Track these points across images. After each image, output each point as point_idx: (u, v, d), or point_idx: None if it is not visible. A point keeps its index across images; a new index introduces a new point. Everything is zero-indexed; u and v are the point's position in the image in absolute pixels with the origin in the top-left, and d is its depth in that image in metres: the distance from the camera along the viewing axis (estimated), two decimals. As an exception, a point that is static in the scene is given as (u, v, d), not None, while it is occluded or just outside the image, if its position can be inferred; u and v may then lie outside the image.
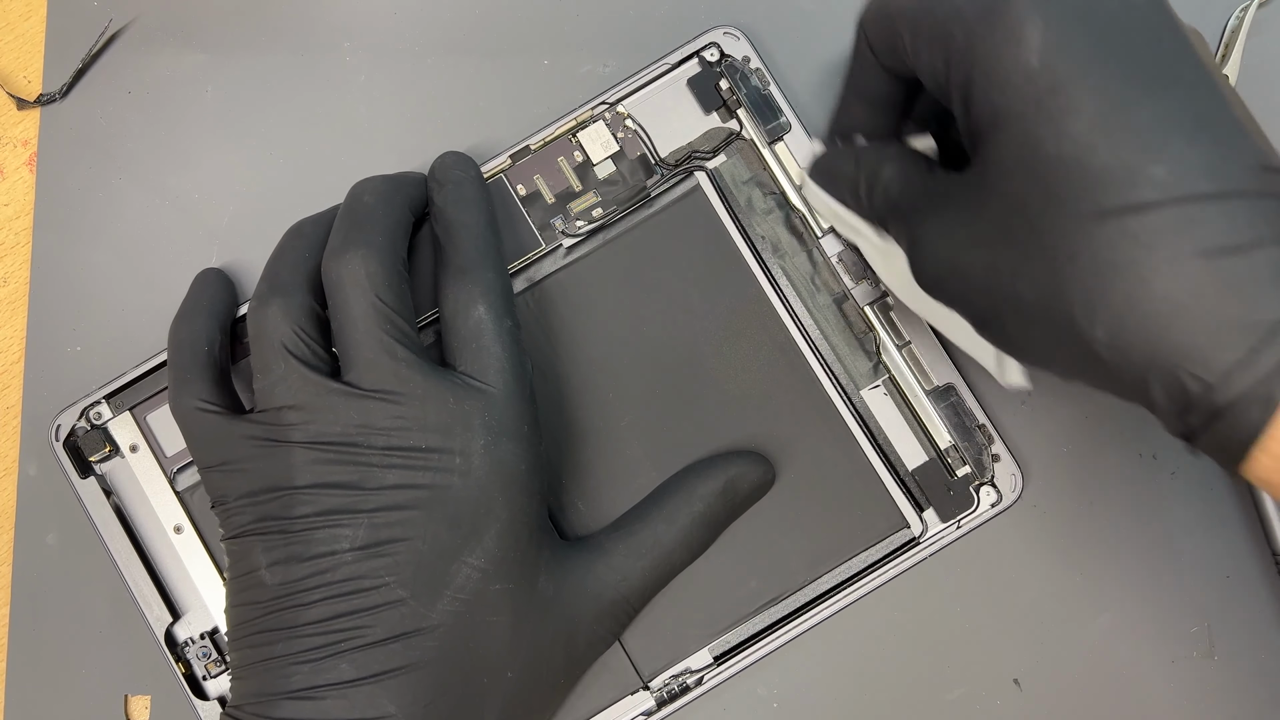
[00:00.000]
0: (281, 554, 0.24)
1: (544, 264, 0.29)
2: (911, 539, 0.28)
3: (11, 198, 0.31)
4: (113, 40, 0.32)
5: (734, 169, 0.29)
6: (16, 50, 0.32)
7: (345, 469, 0.24)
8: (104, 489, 0.29)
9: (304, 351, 0.25)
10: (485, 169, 0.29)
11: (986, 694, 0.28)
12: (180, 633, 0.28)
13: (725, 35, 0.29)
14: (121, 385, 0.29)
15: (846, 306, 0.29)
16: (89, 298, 0.31)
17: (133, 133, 0.31)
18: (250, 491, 0.24)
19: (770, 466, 0.28)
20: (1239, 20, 0.30)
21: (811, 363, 0.29)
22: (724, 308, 0.29)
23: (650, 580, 0.26)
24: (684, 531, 0.27)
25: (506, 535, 0.24)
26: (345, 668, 0.23)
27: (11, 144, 0.32)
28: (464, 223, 0.27)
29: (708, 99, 0.30)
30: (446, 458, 0.24)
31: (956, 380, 0.29)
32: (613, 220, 0.29)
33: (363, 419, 0.24)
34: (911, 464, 0.29)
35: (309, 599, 0.24)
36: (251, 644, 0.24)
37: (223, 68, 0.31)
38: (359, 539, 0.24)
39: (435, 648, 0.24)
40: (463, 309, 0.25)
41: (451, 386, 0.24)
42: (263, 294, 0.25)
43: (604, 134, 0.29)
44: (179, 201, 0.31)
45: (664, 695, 0.28)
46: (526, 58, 0.31)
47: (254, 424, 0.25)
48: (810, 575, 0.28)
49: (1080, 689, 0.28)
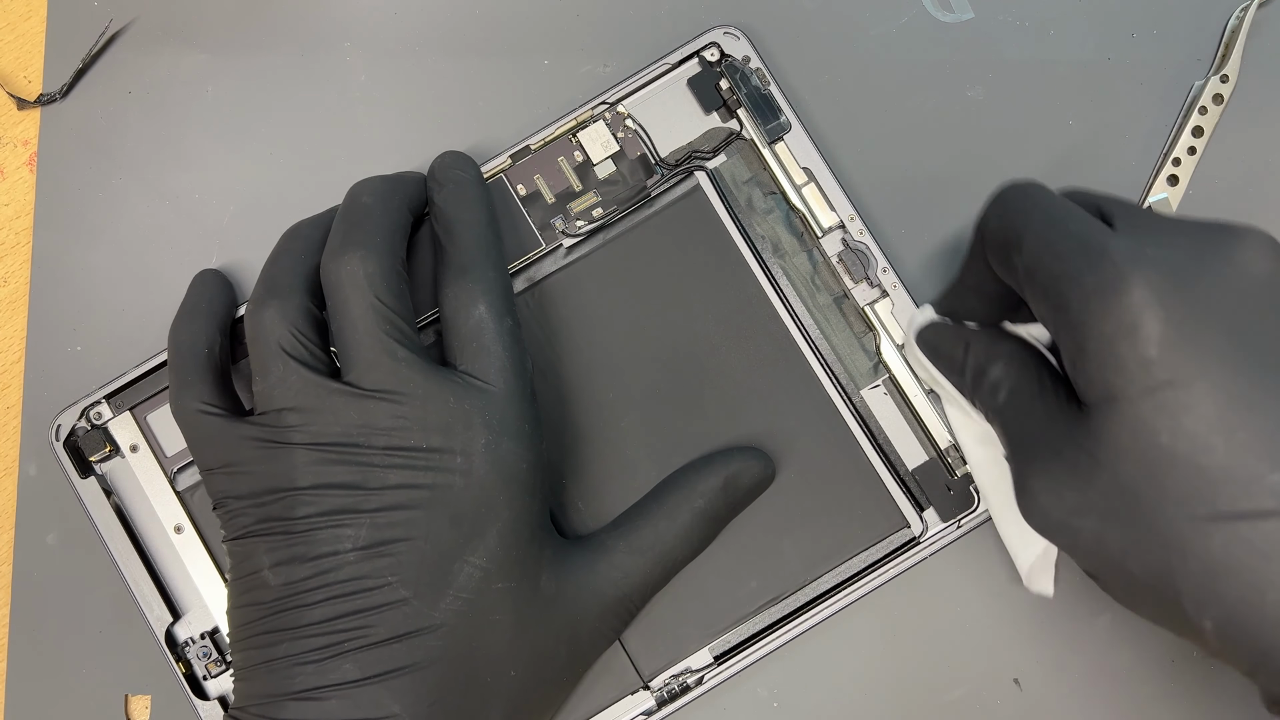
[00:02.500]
0: (284, 555, 0.24)
1: (544, 264, 0.29)
2: (911, 539, 0.28)
3: (11, 198, 0.31)
4: (113, 40, 0.32)
5: (734, 169, 0.29)
6: (16, 50, 0.32)
7: (347, 469, 0.24)
8: (104, 489, 0.29)
9: (302, 353, 0.25)
10: (485, 169, 0.29)
11: (986, 694, 0.28)
12: (180, 633, 0.28)
13: (725, 35, 0.29)
14: (121, 385, 0.29)
15: (846, 306, 0.29)
16: (89, 298, 0.31)
17: (133, 133, 0.31)
18: (252, 493, 0.24)
19: (770, 462, 0.28)
20: (1239, 20, 0.30)
21: (811, 362, 0.29)
22: (724, 308, 0.29)
23: (652, 577, 0.26)
24: (685, 528, 0.27)
25: (508, 534, 0.24)
26: (349, 668, 0.23)
27: (11, 144, 0.32)
28: (464, 222, 0.27)
29: (708, 99, 0.30)
30: (448, 457, 0.24)
31: (956, 380, 0.29)
32: (613, 220, 0.29)
33: (364, 419, 0.24)
34: (911, 464, 0.29)
35: (312, 599, 0.24)
36: (255, 645, 0.24)
37: (223, 68, 0.31)
38: (361, 539, 0.24)
39: (438, 647, 0.24)
40: (463, 308, 0.25)
41: (452, 386, 0.24)
42: (260, 296, 0.25)
43: (604, 134, 0.29)
44: (179, 201, 0.31)
45: (664, 695, 0.28)
46: (526, 58, 0.31)
47: (255, 426, 0.25)
48: (810, 575, 0.28)
49: (1080, 689, 0.28)
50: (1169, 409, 0.20)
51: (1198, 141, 0.30)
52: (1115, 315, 0.20)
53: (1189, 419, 0.20)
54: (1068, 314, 0.21)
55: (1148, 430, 0.20)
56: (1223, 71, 0.30)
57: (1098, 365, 0.20)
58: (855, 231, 0.29)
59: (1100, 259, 0.21)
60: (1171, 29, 0.31)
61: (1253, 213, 0.30)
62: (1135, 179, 0.30)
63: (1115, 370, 0.20)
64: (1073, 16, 0.31)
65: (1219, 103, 0.30)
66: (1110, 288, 0.20)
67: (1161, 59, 0.31)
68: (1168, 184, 0.30)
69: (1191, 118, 0.30)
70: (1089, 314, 0.20)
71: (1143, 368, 0.20)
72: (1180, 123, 0.30)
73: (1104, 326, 0.20)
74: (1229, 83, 0.30)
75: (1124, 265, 0.20)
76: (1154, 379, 0.20)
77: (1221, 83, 0.30)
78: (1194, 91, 0.30)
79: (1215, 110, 0.30)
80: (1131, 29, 0.31)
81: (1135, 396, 0.20)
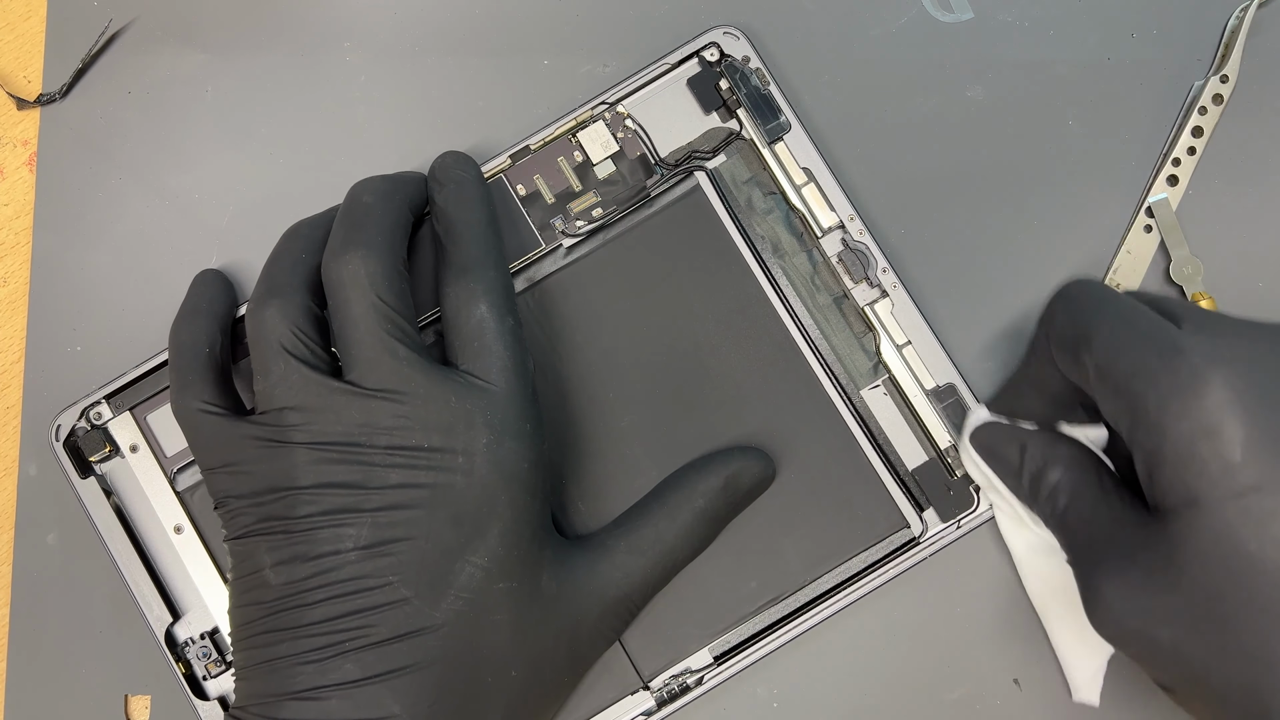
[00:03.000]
0: (285, 554, 0.24)
1: (544, 264, 0.29)
2: (911, 539, 0.28)
3: (11, 198, 0.31)
4: (113, 40, 0.32)
5: (734, 169, 0.29)
6: (16, 50, 0.32)
7: (348, 469, 0.24)
8: (104, 489, 0.29)
9: (303, 352, 0.25)
10: (485, 169, 0.29)
11: (986, 694, 0.28)
12: (180, 633, 0.28)
13: (725, 35, 0.29)
14: (121, 385, 0.29)
15: (846, 306, 0.29)
16: (89, 298, 0.31)
17: (133, 133, 0.31)
18: (253, 492, 0.24)
19: (770, 461, 0.28)
20: (1239, 20, 0.30)
21: (811, 363, 0.29)
22: (724, 308, 0.29)
23: (653, 577, 0.26)
24: (686, 527, 0.27)
25: (509, 534, 0.24)
26: (350, 668, 0.23)
27: (11, 144, 0.32)
28: (465, 222, 0.27)
29: (708, 99, 0.30)
30: (449, 457, 0.24)
31: (956, 380, 0.29)
32: (613, 220, 0.29)
33: (365, 418, 0.24)
34: (911, 464, 0.29)
35: (313, 599, 0.24)
36: (255, 644, 0.24)
37: (223, 68, 0.31)
38: (362, 538, 0.24)
39: (439, 647, 0.24)
40: (464, 307, 0.25)
41: (454, 385, 0.24)
42: (260, 295, 0.25)
43: (604, 134, 0.29)
44: (179, 201, 0.31)
45: (664, 695, 0.28)
46: (526, 58, 0.31)
47: (256, 425, 0.25)
48: (810, 575, 0.28)
49: (1080, 688, 0.28)
50: (1255, 515, 0.19)
51: (1198, 141, 0.30)
52: (1195, 416, 0.20)
53: (1277, 526, 0.19)
54: (1144, 415, 0.20)
55: (1233, 537, 0.19)
56: (1223, 71, 0.30)
57: (1177, 468, 0.20)
58: (855, 231, 0.29)
59: (1176, 358, 0.20)
60: (1171, 29, 0.31)
61: (1252, 213, 0.30)
62: (1135, 179, 0.30)
63: (1197, 474, 0.20)
64: (1073, 16, 0.31)
65: (1219, 103, 0.30)
66: (1189, 388, 0.20)
67: (1161, 59, 0.31)
68: (1168, 184, 0.30)
69: (1191, 118, 0.30)
70: (1167, 415, 0.20)
71: (1226, 471, 0.19)
72: (1180, 123, 0.30)
73: (1183, 428, 0.20)
74: (1229, 83, 0.30)
75: (1201, 364, 0.20)
76: (1238, 484, 0.19)
77: (1221, 83, 0.30)
78: (1194, 91, 0.30)
79: (1215, 110, 0.30)
80: (1131, 29, 0.31)
81: (1219, 501, 0.20)
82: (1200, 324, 0.22)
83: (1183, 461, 0.20)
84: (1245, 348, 0.21)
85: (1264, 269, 0.30)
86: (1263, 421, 0.19)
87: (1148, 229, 0.30)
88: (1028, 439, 0.25)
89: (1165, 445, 0.20)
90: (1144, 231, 0.30)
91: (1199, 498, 0.20)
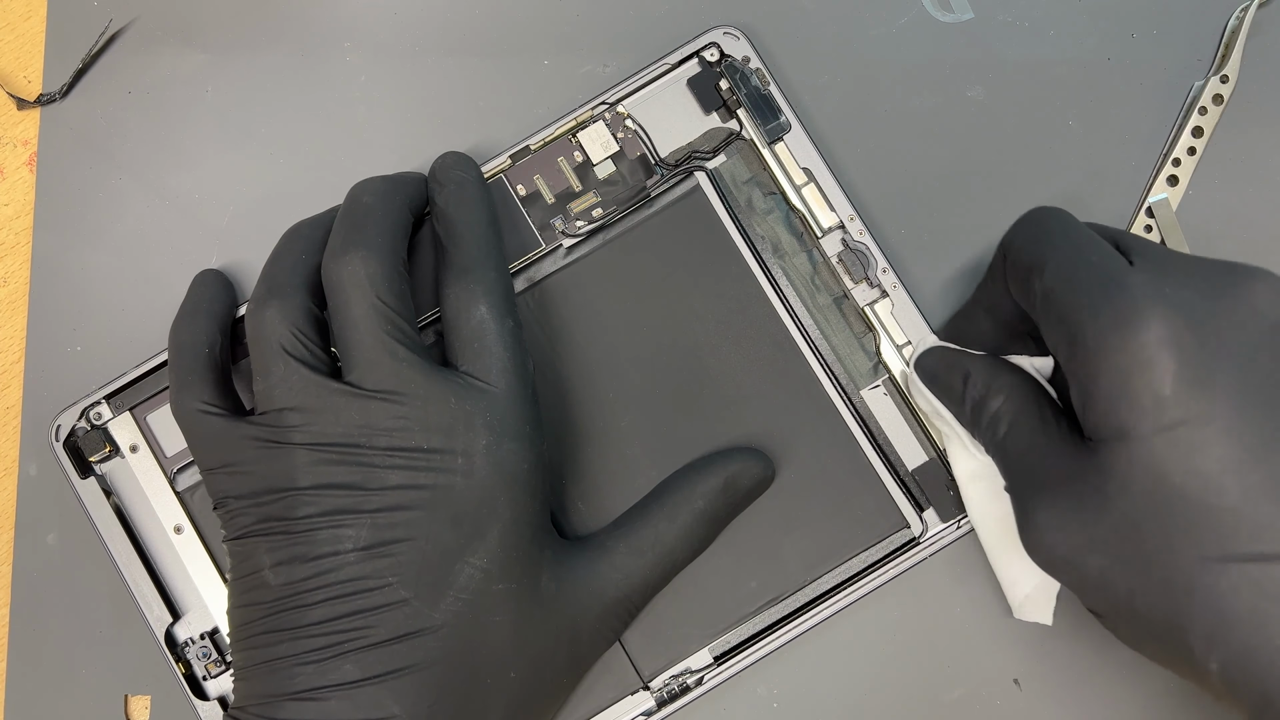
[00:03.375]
0: (284, 555, 0.24)
1: (544, 264, 0.29)
2: (911, 539, 0.28)
3: (11, 198, 0.31)
4: (113, 40, 0.32)
5: (734, 169, 0.29)
6: (16, 50, 0.32)
7: (347, 470, 0.24)
8: (104, 489, 0.29)
9: (303, 353, 0.25)
10: (485, 169, 0.29)
11: (986, 694, 0.28)
12: (180, 633, 0.28)
13: (725, 35, 0.29)
14: (121, 385, 0.29)
15: (846, 306, 0.29)
16: (89, 298, 0.31)
17: (133, 133, 0.31)
18: (253, 493, 0.24)
19: (770, 462, 0.28)
20: (1239, 20, 0.30)
21: (811, 363, 0.29)
22: (724, 308, 0.29)
23: (652, 577, 0.26)
24: (685, 528, 0.27)
25: (509, 535, 0.24)
26: (349, 668, 0.23)
27: (11, 144, 0.32)
28: (465, 222, 0.27)
29: (708, 99, 0.30)
30: (449, 458, 0.24)
31: (956, 380, 0.29)
32: (613, 220, 0.29)
33: (364, 419, 0.24)
34: (911, 464, 0.29)
35: (312, 599, 0.24)
36: (255, 645, 0.24)
37: (223, 68, 0.31)
38: (362, 539, 0.24)
39: (439, 648, 0.24)
40: (464, 308, 0.25)
41: (453, 386, 0.24)
42: (260, 296, 0.25)
43: (604, 134, 0.29)
44: (179, 201, 0.31)
45: (664, 695, 0.28)
46: (526, 58, 0.31)
47: (256, 425, 0.25)
48: (810, 575, 0.28)
49: (1080, 689, 0.28)
50: (1182, 448, 0.20)
51: (1198, 142, 0.30)
52: (1131, 350, 0.20)
53: (1202, 459, 0.19)
54: (1083, 345, 0.21)
55: (1159, 468, 0.20)
56: (1222, 72, 0.30)
57: (1110, 399, 0.20)
58: (855, 232, 0.29)
59: (1119, 293, 0.21)
60: (1171, 29, 0.31)
61: (1252, 213, 0.30)
62: (1135, 179, 0.30)
63: (1128, 406, 0.20)
64: (1073, 16, 0.31)
65: (1219, 103, 0.30)
66: (1127, 322, 0.20)
67: (1161, 59, 0.31)
68: (1168, 184, 0.30)
69: (1191, 118, 0.30)
70: (1105, 346, 0.20)
71: (1157, 405, 0.20)
72: (1180, 123, 0.30)
73: (1119, 360, 0.20)
74: (1229, 83, 0.30)
75: (1142, 301, 0.20)
76: (1168, 417, 0.20)
77: (1221, 83, 0.30)
78: (1194, 92, 0.30)
79: (1215, 110, 0.30)
80: (1131, 29, 0.31)
81: (1148, 433, 0.20)
82: (1149, 260, 0.22)
83: (1116, 393, 0.20)
84: (1185, 285, 0.21)
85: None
86: (1195, 358, 0.20)
87: (1148, 229, 0.30)
88: (972, 365, 0.26)
89: (1101, 376, 0.20)
90: (1144, 232, 0.30)
91: (1129, 430, 0.20)
